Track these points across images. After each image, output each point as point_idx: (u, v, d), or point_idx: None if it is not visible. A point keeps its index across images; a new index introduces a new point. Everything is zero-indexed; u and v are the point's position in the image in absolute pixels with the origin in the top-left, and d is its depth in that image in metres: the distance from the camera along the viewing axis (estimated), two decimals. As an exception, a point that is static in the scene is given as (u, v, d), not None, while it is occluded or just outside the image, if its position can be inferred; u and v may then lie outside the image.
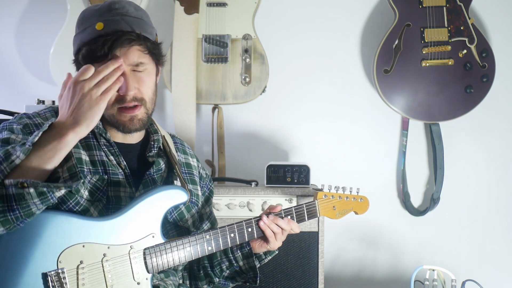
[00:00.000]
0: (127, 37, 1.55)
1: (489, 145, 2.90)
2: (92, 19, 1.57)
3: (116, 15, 1.57)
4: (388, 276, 2.86)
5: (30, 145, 1.39)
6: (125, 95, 1.58)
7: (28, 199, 1.36)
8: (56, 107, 1.68)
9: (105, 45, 1.53)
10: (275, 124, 2.87)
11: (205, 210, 1.85)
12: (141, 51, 1.59)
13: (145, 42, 1.60)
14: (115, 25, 1.55)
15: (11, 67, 2.85)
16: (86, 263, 1.48)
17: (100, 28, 1.55)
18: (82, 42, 1.58)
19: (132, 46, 1.57)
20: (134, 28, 1.57)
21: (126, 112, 1.60)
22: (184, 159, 1.84)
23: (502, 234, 2.89)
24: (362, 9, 2.88)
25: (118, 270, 1.52)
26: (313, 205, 1.83)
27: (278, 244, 1.76)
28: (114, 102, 1.59)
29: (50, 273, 1.44)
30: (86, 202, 1.55)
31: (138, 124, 1.62)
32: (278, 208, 1.76)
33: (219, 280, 1.83)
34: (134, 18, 1.59)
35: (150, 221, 1.58)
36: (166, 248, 1.59)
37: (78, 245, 1.48)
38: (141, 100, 1.61)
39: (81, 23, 1.61)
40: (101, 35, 1.55)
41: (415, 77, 2.68)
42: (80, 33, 1.60)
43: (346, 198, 1.91)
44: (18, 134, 1.53)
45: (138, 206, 1.57)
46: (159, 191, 1.60)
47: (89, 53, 1.56)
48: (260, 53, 2.65)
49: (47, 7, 2.82)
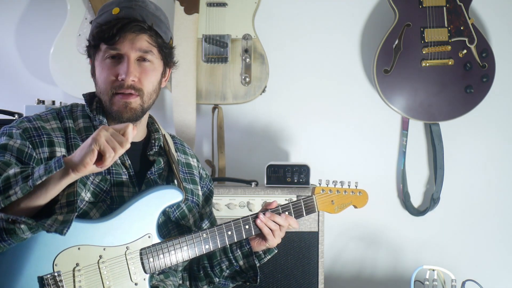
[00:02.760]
0: (138, 24, 1.59)
1: (489, 145, 2.90)
2: (112, 5, 1.62)
3: (134, 5, 1.61)
4: (388, 276, 2.86)
5: (31, 186, 1.35)
6: (123, 81, 1.58)
7: (19, 233, 1.36)
8: (58, 108, 1.68)
9: (115, 27, 1.57)
10: (275, 124, 2.87)
11: (205, 210, 1.85)
12: (149, 43, 1.61)
13: (156, 37, 1.62)
14: (130, 12, 1.59)
15: (11, 67, 2.85)
16: (82, 265, 1.48)
17: (116, 13, 1.59)
18: (96, 24, 1.62)
19: (141, 34, 1.59)
20: (146, 20, 1.60)
21: (121, 98, 1.60)
22: (184, 159, 1.84)
23: (502, 234, 2.89)
24: (362, 9, 2.88)
25: (115, 271, 1.52)
26: (310, 200, 1.81)
27: (277, 241, 1.75)
28: (111, 87, 1.60)
29: (46, 277, 1.44)
30: (88, 205, 1.55)
31: (130, 112, 1.61)
32: (274, 204, 1.75)
33: (219, 280, 1.83)
34: (151, 13, 1.63)
35: (145, 221, 1.57)
36: (162, 248, 1.58)
37: (73, 247, 1.47)
38: (139, 90, 1.61)
39: (101, 9, 1.65)
40: (115, 18, 1.59)
41: (415, 77, 2.68)
42: (97, 17, 1.64)
43: (345, 192, 1.88)
44: (16, 140, 1.53)
45: (132, 207, 1.56)
46: (153, 191, 1.60)
47: (98, 33, 1.60)
48: (260, 53, 2.65)
49: (47, 7, 2.82)
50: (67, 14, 2.63)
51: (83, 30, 2.62)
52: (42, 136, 1.57)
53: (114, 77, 1.60)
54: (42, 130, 1.58)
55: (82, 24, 2.62)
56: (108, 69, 1.60)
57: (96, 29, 1.61)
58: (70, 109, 1.68)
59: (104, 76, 1.61)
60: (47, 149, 1.56)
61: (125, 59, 1.59)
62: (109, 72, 1.60)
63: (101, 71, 1.62)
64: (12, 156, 1.50)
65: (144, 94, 1.62)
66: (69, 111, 1.67)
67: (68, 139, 1.61)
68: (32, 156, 1.52)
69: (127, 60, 1.59)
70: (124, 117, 1.61)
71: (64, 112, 1.66)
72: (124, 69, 1.58)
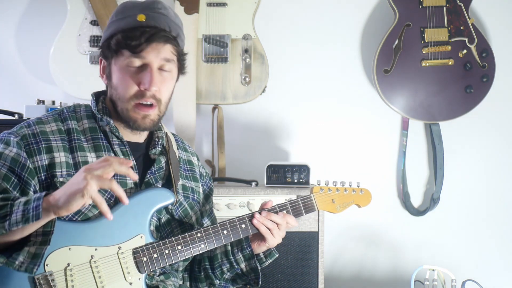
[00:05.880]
0: (165, 34, 1.59)
1: (489, 145, 2.90)
2: (135, 9, 1.61)
3: (158, 13, 1.61)
4: (388, 276, 2.86)
5: (7, 230, 1.36)
6: (145, 90, 1.59)
7: None
8: (60, 109, 1.68)
9: (143, 36, 1.57)
10: (275, 124, 2.87)
11: (205, 208, 1.86)
12: (172, 53, 1.62)
13: (178, 46, 1.64)
14: (156, 21, 1.60)
15: (11, 67, 2.85)
16: (74, 265, 1.48)
17: (142, 20, 1.59)
18: (119, 29, 1.60)
19: (166, 44, 1.60)
20: (172, 31, 1.61)
21: (141, 109, 1.60)
22: (185, 157, 1.85)
23: (502, 234, 2.89)
24: (362, 9, 2.88)
25: (107, 271, 1.52)
26: (309, 198, 1.79)
27: (277, 241, 1.73)
28: (132, 96, 1.59)
29: (37, 277, 1.44)
30: (91, 208, 1.55)
31: (149, 124, 1.63)
32: (269, 203, 1.74)
33: (219, 282, 1.82)
34: (173, 22, 1.64)
35: (137, 222, 1.57)
36: (156, 248, 1.58)
37: (64, 248, 1.48)
38: (159, 101, 1.62)
39: (121, 11, 1.63)
40: (141, 25, 1.58)
41: (415, 77, 2.68)
42: (118, 20, 1.62)
43: (345, 191, 1.85)
44: (12, 148, 1.54)
45: (123, 207, 1.56)
46: (144, 192, 1.61)
47: (125, 39, 1.58)
48: (260, 53, 2.65)
49: (47, 7, 2.82)
50: (67, 14, 2.63)
51: (83, 30, 2.62)
52: (40, 143, 1.57)
53: (136, 86, 1.59)
54: (40, 136, 1.58)
55: (82, 24, 2.63)
56: (130, 77, 1.59)
57: (121, 35, 1.59)
58: (73, 110, 1.68)
59: (126, 84, 1.60)
60: (45, 156, 1.55)
61: (148, 68, 1.59)
62: (131, 80, 1.59)
63: (122, 78, 1.60)
64: (5, 165, 1.52)
65: (162, 104, 1.64)
66: (72, 112, 1.66)
67: (71, 140, 1.60)
68: (25, 166, 1.53)
69: (151, 69, 1.59)
70: (140, 127, 1.63)
71: (67, 113, 1.66)
72: (148, 78, 1.58)
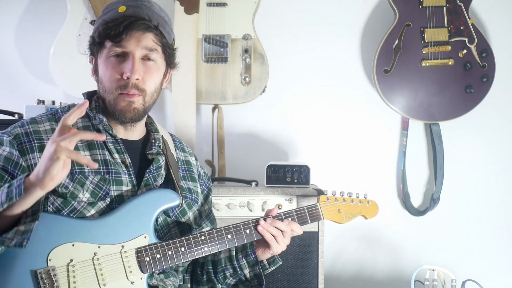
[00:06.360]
0: (144, 22, 1.60)
1: (489, 145, 2.89)
2: (117, 4, 1.64)
3: (140, 5, 1.63)
4: (388, 276, 2.86)
5: None
6: (128, 80, 1.59)
7: None
8: (55, 110, 1.69)
9: (122, 24, 1.58)
10: (275, 124, 2.87)
11: (203, 208, 1.86)
12: (154, 41, 1.63)
13: (161, 36, 1.64)
14: (137, 11, 1.61)
15: (11, 67, 2.85)
16: (76, 261, 1.49)
17: (122, 11, 1.61)
18: (102, 21, 1.63)
19: (147, 33, 1.61)
20: (152, 20, 1.62)
21: (125, 96, 1.61)
22: (183, 157, 1.85)
23: (502, 234, 2.89)
24: (362, 9, 2.88)
25: (110, 269, 1.52)
26: (315, 207, 1.80)
27: (281, 248, 1.73)
28: (116, 87, 1.60)
29: (39, 271, 1.45)
30: (86, 206, 1.55)
31: (133, 112, 1.62)
32: (275, 210, 1.75)
33: (221, 286, 1.82)
34: (156, 14, 1.64)
35: (141, 221, 1.58)
36: (160, 249, 1.59)
37: (67, 244, 1.49)
38: (142, 91, 1.62)
39: (106, 7, 1.67)
40: (122, 16, 1.60)
41: (415, 77, 2.68)
42: (102, 15, 1.65)
43: (352, 202, 1.85)
44: (5, 148, 1.56)
45: (129, 206, 1.57)
46: (151, 193, 1.61)
47: (104, 30, 1.60)
48: (260, 53, 2.65)
49: (47, 7, 2.82)
50: (67, 14, 2.63)
51: (83, 30, 2.62)
52: (33, 142, 1.58)
53: (119, 75, 1.60)
54: (33, 135, 1.59)
55: (82, 24, 2.63)
56: (112, 67, 1.61)
57: (102, 26, 1.61)
58: (68, 109, 1.68)
59: (109, 74, 1.61)
60: (38, 155, 1.56)
61: (130, 57, 1.60)
62: (113, 70, 1.61)
63: (105, 69, 1.62)
64: None
65: (147, 94, 1.63)
66: (66, 111, 1.66)
67: None
68: (18, 164, 1.54)
69: (132, 58, 1.60)
70: (127, 117, 1.63)
71: (61, 113, 1.67)
72: (129, 67, 1.59)
